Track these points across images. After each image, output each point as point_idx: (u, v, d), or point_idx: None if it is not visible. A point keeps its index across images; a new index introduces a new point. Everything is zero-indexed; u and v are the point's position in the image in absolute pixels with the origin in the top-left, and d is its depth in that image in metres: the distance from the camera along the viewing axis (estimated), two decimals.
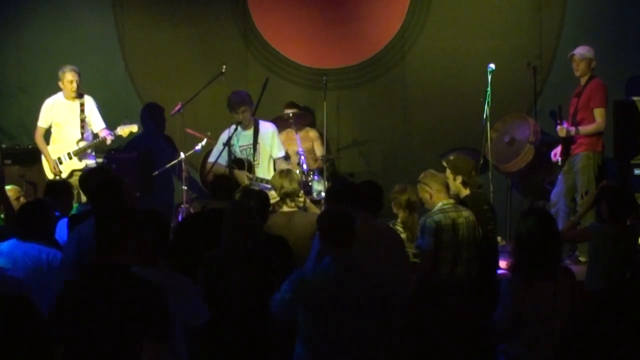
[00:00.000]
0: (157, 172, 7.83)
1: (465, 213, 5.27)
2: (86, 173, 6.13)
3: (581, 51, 7.11)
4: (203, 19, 8.80)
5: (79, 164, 7.68)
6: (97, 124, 7.81)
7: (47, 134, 7.89)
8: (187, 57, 8.83)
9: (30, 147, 8.43)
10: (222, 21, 8.78)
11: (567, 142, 7.15)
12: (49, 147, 7.79)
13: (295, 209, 5.64)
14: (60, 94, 7.79)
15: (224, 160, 6.84)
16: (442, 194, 5.32)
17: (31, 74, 8.92)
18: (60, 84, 7.73)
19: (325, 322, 3.79)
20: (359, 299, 3.79)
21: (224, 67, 7.80)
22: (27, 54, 8.94)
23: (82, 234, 4.67)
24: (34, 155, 8.19)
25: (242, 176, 7.10)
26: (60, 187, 5.85)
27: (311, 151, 7.99)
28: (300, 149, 7.52)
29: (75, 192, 7.18)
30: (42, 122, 7.81)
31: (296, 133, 7.68)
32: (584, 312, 4.79)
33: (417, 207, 5.82)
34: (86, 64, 8.14)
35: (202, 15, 8.80)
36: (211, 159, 7.24)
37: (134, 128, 7.71)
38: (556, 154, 7.29)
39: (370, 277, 3.90)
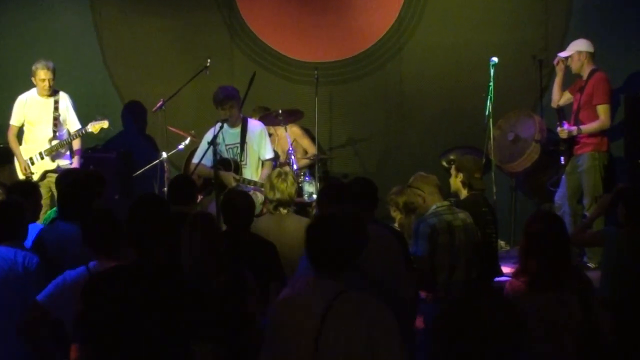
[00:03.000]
0: (137, 173, 7.73)
1: (462, 215, 5.20)
2: (63, 174, 6.07)
3: (567, 49, 7.12)
4: (186, 9, 8.75)
5: (52, 165, 7.54)
6: (72, 122, 7.71)
7: (21, 132, 7.81)
8: (169, 49, 8.76)
9: (2, 146, 8.28)
10: (206, 11, 8.74)
11: (570, 142, 7.06)
12: (21, 147, 7.69)
13: (287, 212, 5.50)
14: (34, 90, 7.72)
15: (208, 160, 6.66)
16: (435, 196, 5.24)
17: (4, 69, 8.87)
18: (33, 79, 7.63)
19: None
20: None
21: (209, 60, 7.73)
22: (0, 48, 8.91)
23: (49, 239, 4.69)
24: (5, 155, 8.03)
25: (229, 177, 6.94)
26: (25, 188, 5.62)
27: (295, 148, 7.92)
28: (291, 149, 7.44)
29: (49, 195, 7.40)
30: (15, 120, 7.68)
31: (286, 131, 7.59)
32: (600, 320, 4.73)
33: (415, 209, 5.74)
34: (62, 58, 8.07)
35: (184, 5, 8.75)
36: (195, 159, 7.08)
37: (105, 124, 7.56)
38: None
39: (369, 280, 3.82)
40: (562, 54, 7.14)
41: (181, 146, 7.53)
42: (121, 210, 3.41)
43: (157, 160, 7.54)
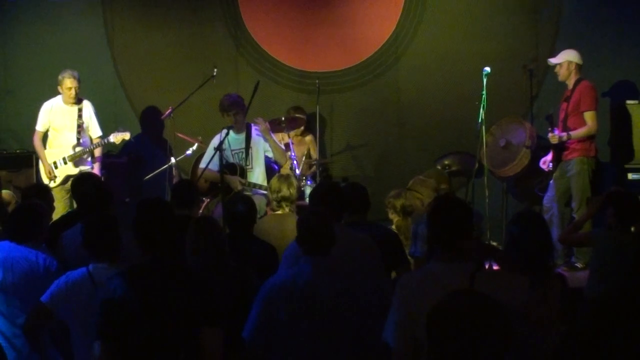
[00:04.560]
0: (147, 178, 7.72)
1: None
2: (77, 179, 6.02)
3: (558, 56, 7.15)
4: (194, 22, 8.76)
5: (74, 170, 7.58)
6: (94, 129, 7.79)
7: (45, 137, 7.85)
8: (178, 60, 8.77)
9: (17, 151, 8.37)
10: (213, 23, 8.75)
11: (559, 148, 7.09)
12: (45, 151, 7.73)
13: (288, 211, 5.60)
14: (59, 98, 7.74)
15: (215, 165, 6.67)
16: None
17: (18, 77, 8.88)
18: (59, 88, 7.68)
19: (301, 329, 3.64)
20: (336, 304, 3.66)
21: (215, 70, 7.73)
22: (14, 57, 8.90)
23: (69, 241, 4.69)
24: (21, 160, 8.14)
25: (235, 181, 7.02)
26: (37, 191, 5.69)
27: (307, 156, 7.95)
28: (293, 154, 7.44)
29: (68, 196, 7.37)
30: (40, 126, 7.76)
31: (289, 138, 7.60)
32: (582, 319, 4.75)
33: (412, 211, 5.76)
34: (75, 67, 7.96)
35: (193, 18, 8.75)
36: (202, 164, 7.13)
37: (127, 136, 7.67)
38: (545, 161, 7.24)
39: (348, 281, 3.78)
40: (553, 60, 7.14)
41: (189, 152, 7.52)
42: (131, 213, 3.57)
43: (166, 165, 7.54)
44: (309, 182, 7.53)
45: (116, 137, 7.63)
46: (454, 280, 3.14)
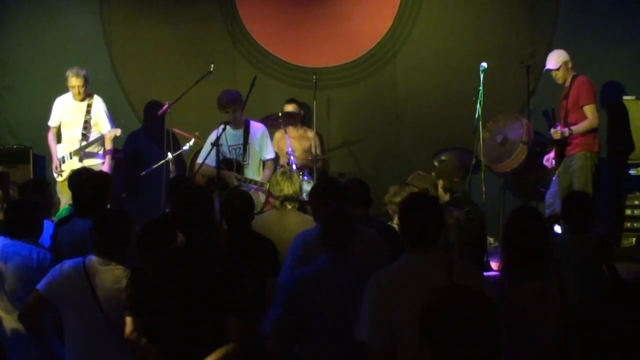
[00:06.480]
0: (144, 173, 7.72)
1: (456, 214, 5.26)
2: (73, 175, 6.07)
3: (553, 61, 7.14)
4: (191, 17, 8.77)
5: (78, 165, 7.56)
6: (104, 125, 7.79)
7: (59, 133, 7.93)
8: (175, 56, 8.78)
9: (14, 147, 8.42)
10: (209, 19, 8.75)
11: (562, 144, 7.10)
12: (57, 146, 7.82)
13: (289, 207, 5.56)
14: (69, 93, 7.78)
15: (212, 160, 6.73)
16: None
17: (16, 73, 8.90)
18: (67, 84, 7.73)
19: (323, 323, 3.71)
20: (354, 298, 3.65)
21: (212, 66, 7.72)
22: (12, 54, 8.91)
23: (64, 237, 4.74)
24: (18, 156, 8.21)
25: (231, 177, 7.06)
26: (33, 186, 5.71)
27: (308, 151, 7.96)
28: (290, 149, 7.45)
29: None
30: (52, 122, 7.85)
31: (285, 133, 7.62)
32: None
33: None
34: (72, 63, 7.99)
35: (189, 14, 8.77)
36: (199, 160, 7.18)
37: (118, 132, 7.69)
38: (549, 159, 7.25)
39: (364, 276, 3.72)
40: (551, 67, 7.13)
41: (186, 147, 7.53)
42: (127, 207, 3.58)
43: (163, 161, 7.49)
44: (305, 177, 7.53)
45: (109, 133, 7.66)
46: (432, 270, 3.21)
